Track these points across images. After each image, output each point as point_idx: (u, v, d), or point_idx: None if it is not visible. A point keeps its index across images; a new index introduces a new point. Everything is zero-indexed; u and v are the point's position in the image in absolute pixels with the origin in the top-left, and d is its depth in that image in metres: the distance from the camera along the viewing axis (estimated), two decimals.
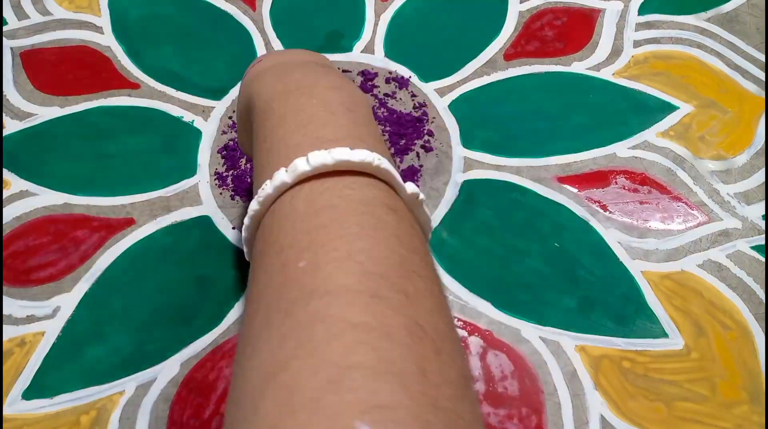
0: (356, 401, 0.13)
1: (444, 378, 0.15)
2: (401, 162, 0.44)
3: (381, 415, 0.13)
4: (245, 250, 0.21)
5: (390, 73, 0.49)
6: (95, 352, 0.36)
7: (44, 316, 0.38)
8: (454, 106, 0.47)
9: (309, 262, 0.16)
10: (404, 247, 0.18)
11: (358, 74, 0.49)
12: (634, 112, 0.47)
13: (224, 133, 0.46)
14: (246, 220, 0.20)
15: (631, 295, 0.39)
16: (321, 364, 0.14)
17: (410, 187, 0.21)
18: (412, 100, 0.47)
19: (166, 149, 0.45)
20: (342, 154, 0.19)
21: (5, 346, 0.37)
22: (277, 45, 0.51)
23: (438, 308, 0.17)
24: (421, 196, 0.21)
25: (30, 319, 0.38)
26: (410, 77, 0.49)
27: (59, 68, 0.49)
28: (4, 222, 0.41)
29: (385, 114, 0.46)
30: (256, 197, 0.20)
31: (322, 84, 0.23)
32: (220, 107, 0.47)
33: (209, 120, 0.46)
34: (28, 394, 0.35)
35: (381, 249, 0.17)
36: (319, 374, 0.13)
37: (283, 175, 0.19)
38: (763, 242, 0.41)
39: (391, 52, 0.50)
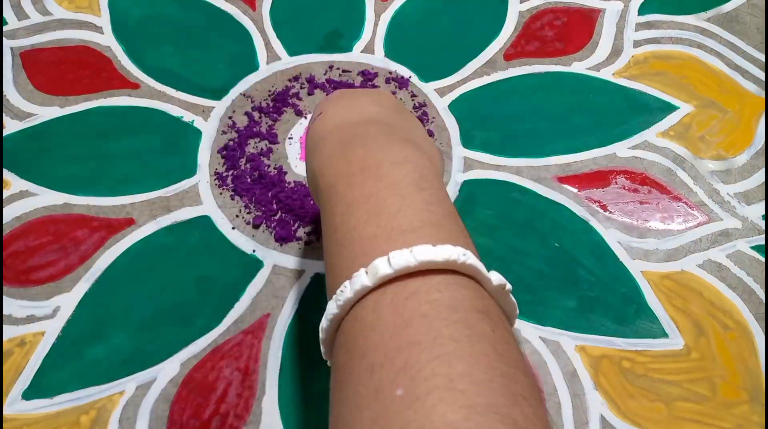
0: None
1: None
2: None
3: None
4: (323, 349, 0.20)
5: (390, 73, 0.49)
6: (95, 352, 0.36)
7: (44, 316, 0.38)
8: (454, 106, 0.47)
9: (406, 390, 0.15)
10: (504, 362, 0.16)
11: (358, 74, 0.49)
12: (634, 112, 0.47)
13: (224, 133, 0.46)
14: (324, 322, 0.19)
15: (631, 295, 0.39)
16: None
17: (495, 277, 0.20)
18: (412, 100, 0.47)
19: (166, 149, 0.45)
20: (425, 253, 0.17)
21: (5, 346, 0.37)
22: (277, 45, 0.51)
23: (541, 413, 0.16)
24: (508, 286, 0.20)
25: (30, 319, 0.38)
26: (410, 77, 0.49)
27: (59, 68, 0.49)
28: (4, 222, 0.41)
29: None
30: (334, 298, 0.19)
31: (387, 161, 0.22)
32: (220, 107, 0.47)
33: (209, 120, 0.46)
34: (28, 394, 0.35)
35: (483, 371, 0.16)
36: None
37: (363, 279, 0.18)
38: (763, 242, 0.41)
39: (391, 52, 0.50)
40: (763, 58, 0.50)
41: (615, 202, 0.42)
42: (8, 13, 0.52)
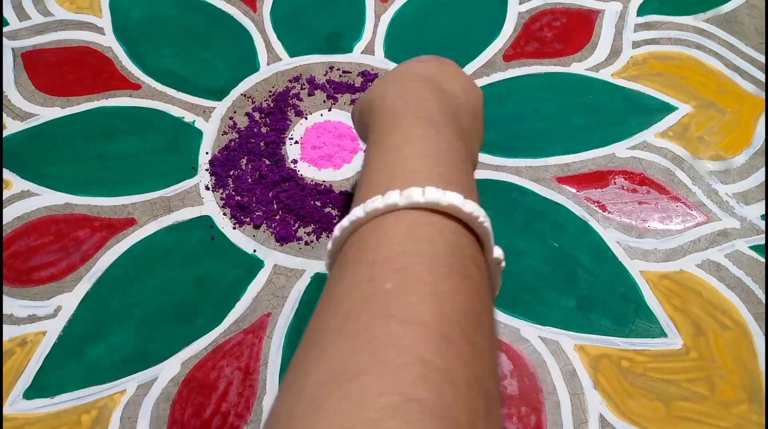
0: None
1: None
2: None
3: None
4: (330, 247, 0.22)
5: None
6: (96, 352, 0.36)
7: (45, 315, 0.38)
8: None
9: (396, 285, 0.17)
10: (481, 302, 0.19)
11: (358, 75, 0.49)
12: (633, 112, 0.47)
13: (225, 133, 0.46)
14: (345, 222, 0.21)
15: (630, 295, 0.39)
16: (388, 388, 0.15)
17: (498, 251, 0.22)
18: None
19: (167, 150, 0.45)
20: (455, 199, 0.20)
21: (6, 346, 0.37)
22: (277, 46, 0.51)
23: (492, 369, 0.18)
24: (503, 263, 0.23)
25: (31, 318, 0.38)
26: None
27: (60, 69, 0.49)
28: (5, 222, 0.41)
29: None
30: (362, 206, 0.21)
31: (451, 127, 0.25)
32: (221, 108, 0.47)
33: (210, 120, 0.46)
34: (30, 394, 0.35)
35: (462, 297, 0.18)
36: (383, 397, 0.14)
37: (396, 197, 0.20)
38: (761, 242, 0.41)
39: (391, 53, 0.50)
40: (761, 58, 0.50)
41: (614, 203, 0.43)
42: (9, 14, 0.52)
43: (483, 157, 0.45)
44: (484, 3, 0.54)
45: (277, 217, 0.42)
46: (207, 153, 0.45)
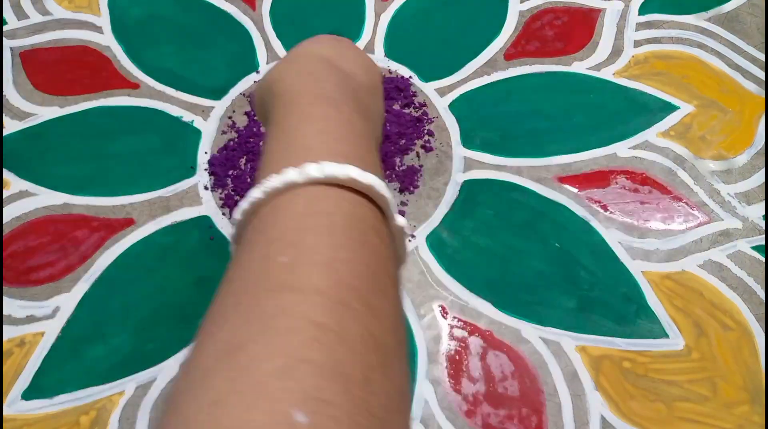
0: (299, 391, 0.14)
1: (384, 390, 0.16)
2: (401, 162, 0.44)
3: (319, 408, 0.14)
4: (233, 232, 0.22)
5: (390, 72, 0.49)
6: (95, 353, 0.36)
7: (44, 316, 0.38)
8: (454, 106, 0.47)
9: (291, 258, 0.18)
10: (380, 267, 0.19)
11: None
12: (635, 112, 0.47)
13: (224, 133, 0.46)
14: (244, 204, 0.21)
15: (632, 296, 0.38)
16: (276, 352, 0.15)
17: (400, 219, 0.22)
18: (413, 99, 0.47)
19: (166, 149, 0.45)
20: (353, 172, 0.20)
21: (5, 347, 0.36)
22: (277, 45, 0.51)
23: (393, 328, 0.18)
24: (407, 230, 0.23)
25: (30, 319, 0.37)
26: (411, 77, 0.49)
27: (59, 68, 0.49)
28: (3, 222, 0.41)
29: (386, 114, 0.46)
30: (259, 185, 0.21)
31: (350, 105, 0.25)
32: (220, 107, 0.47)
33: (209, 120, 0.46)
34: (28, 395, 0.35)
35: (359, 263, 0.18)
36: (271, 361, 0.15)
37: (293, 174, 0.20)
38: (763, 242, 0.41)
39: (391, 52, 0.50)
40: (763, 57, 0.50)
41: (615, 202, 0.42)
42: (8, 13, 0.52)
43: (483, 157, 0.45)
44: (484, 1, 0.54)
45: None
46: (206, 152, 0.45)
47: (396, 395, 0.17)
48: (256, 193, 0.20)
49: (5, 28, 0.51)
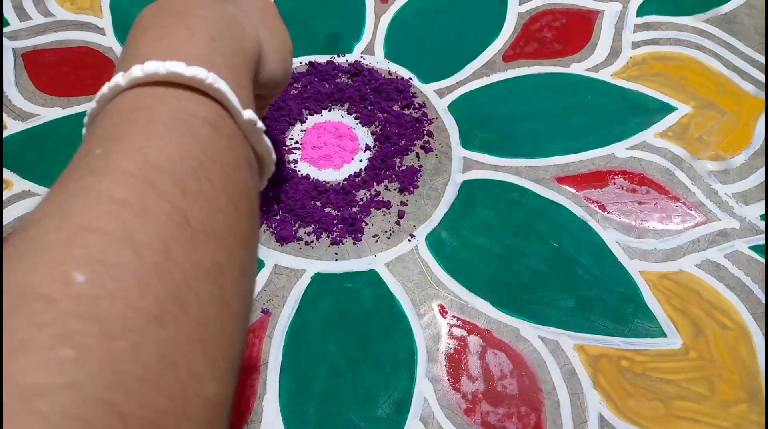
0: (82, 255, 0.15)
1: (190, 259, 0.16)
2: (401, 162, 0.44)
3: (101, 269, 0.14)
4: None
5: (390, 74, 0.49)
6: None
7: None
8: (453, 107, 0.47)
9: (104, 149, 0.18)
10: (207, 157, 0.19)
11: None
12: (633, 112, 0.47)
13: None
14: (86, 119, 0.22)
15: (630, 295, 0.39)
16: (66, 224, 0.15)
17: (247, 113, 0.22)
18: (413, 100, 0.48)
19: None
20: (175, 66, 0.20)
21: None
22: None
23: (217, 211, 0.18)
24: (260, 124, 0.23)
25: None
26: (410, 78, 0.49)
27: (61, 69, 0.49)
28: (5, 222, 0.41)
29: (386, 115, 0.46)
30: (96, 96, 0.21)
31: (197, 12, 0.24)
32: None
33: None
34: None
35: (177, 150, 0.18)
36: (60, 232, 0.15)
37: (119, 79, 0.20)
38: (761, 242, 0.41)
39: (391, 54, 0.51)
40: (761, 59, 0.50)
41: (613, 203, 0.43)
42: (10, 14, 0.53)
43: (482, 158, 0.45)
44: (483, 3, 0.54)
45: (277, 217, 0.42)
46: None
47: (208, 267, 0.17)
48: (91, 105, 0.21)
49: (7, 29, 0.52)
